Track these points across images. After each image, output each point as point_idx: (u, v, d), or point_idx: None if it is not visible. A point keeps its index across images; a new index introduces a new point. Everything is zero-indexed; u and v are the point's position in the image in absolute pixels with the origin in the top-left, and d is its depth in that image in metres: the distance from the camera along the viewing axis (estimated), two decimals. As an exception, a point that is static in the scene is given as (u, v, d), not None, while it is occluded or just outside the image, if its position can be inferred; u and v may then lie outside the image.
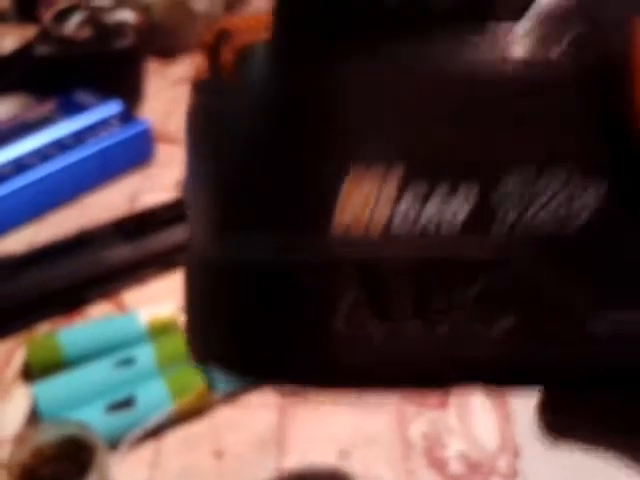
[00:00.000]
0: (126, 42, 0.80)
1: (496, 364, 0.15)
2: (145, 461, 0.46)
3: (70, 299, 0.57)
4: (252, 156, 0.15)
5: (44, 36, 0.80)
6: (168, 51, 0.93)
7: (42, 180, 0.67)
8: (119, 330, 0.52)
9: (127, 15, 0.83)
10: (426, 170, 0.14)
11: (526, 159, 0.14)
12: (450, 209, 0.14)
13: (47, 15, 0.81)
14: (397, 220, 0.14)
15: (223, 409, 0.49)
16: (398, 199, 0.14)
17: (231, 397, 0.49)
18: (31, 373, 0.51)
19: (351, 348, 0.15)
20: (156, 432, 0.47)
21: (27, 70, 0.79)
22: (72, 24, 0.81)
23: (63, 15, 0.81)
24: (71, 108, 0.73)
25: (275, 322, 0.15)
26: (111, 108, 0.74)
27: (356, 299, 0.14)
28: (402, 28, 0.15)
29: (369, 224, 0.14)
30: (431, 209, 0.14)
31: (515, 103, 0.14)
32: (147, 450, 0.46)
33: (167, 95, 0.87)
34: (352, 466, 0.46)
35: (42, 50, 0.79)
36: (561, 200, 0.14)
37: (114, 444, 0.45)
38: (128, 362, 0.49)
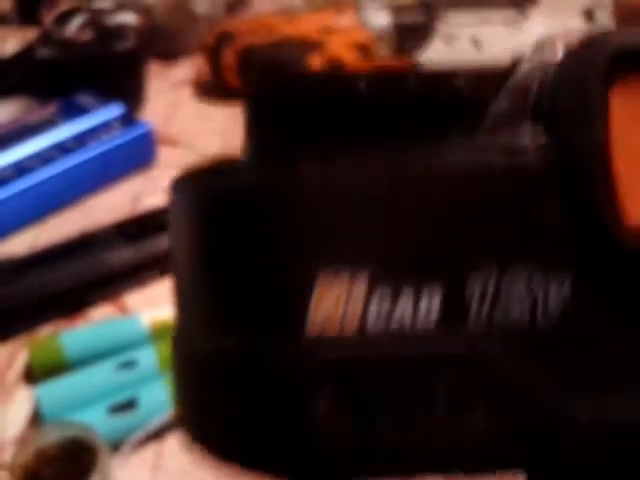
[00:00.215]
0: (127, 45, 0.80)
1: (472, 455, 0.15)
2: (147, 463, 0.46)
3: (72, 301, 0.57)
4: (225, 255, 0.16)
5: (45, 39, 0.80)
6: (169, 53, 0.93)
7: (44, 183, 0.68)
8: (121, 332, 0.52)
9: (128, 17, 0.84)
10: (389, 275, 0.14)
11: (488, 258, 0.14)
12: (420, 309, 0.14)
13: (48, 18, 0.81)
14: (370, 320, 0.14)
15: (225, 411, 0.49)
16: (367, 301, 0.14)
17: (233, 399, 0.49)
18: (33, 375, 0.51)
19: (327, 445, 0.15)
20: (158, 434, 0.47)
21: (28, 73, 0.79)
22: (73, 27, 0.81)
23: (64, 18, 0.81)
24: (72, 111, 0.73)
25: (253, 418, 0.16)
26: (112, 111, 0.74)
27: (332, 397, 0.15)
28: (366, 133, 0.15)
29: (342, 324, 0.14)
30: (401, 310, 0.14)
31: (477, 204, 0.14)
32: (149, 452, 0.47)
33: (168, 97, 0.87)
34: None
35: (43, 53, 0.79)
36: (528, 295, 0.14)
37: (116, 446, 0.46)
38: (130, 364, 0.49)
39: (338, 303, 0.14)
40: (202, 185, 0.16)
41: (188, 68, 0.92)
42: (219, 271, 0.16)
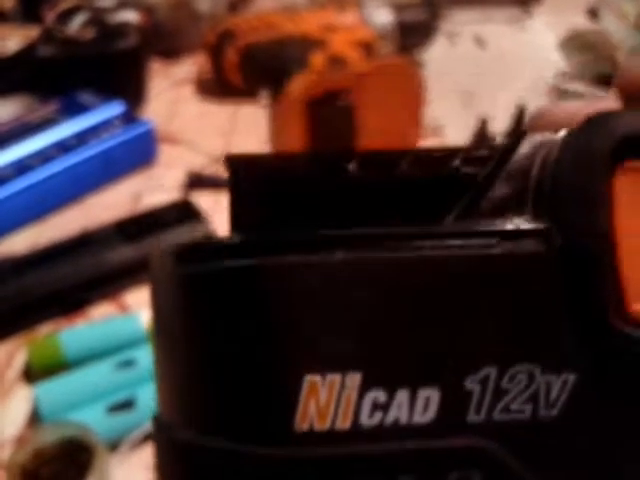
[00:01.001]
0: (129, 43, 0.80)
1: None
2: (145, 463, 0.46)
3: (72, 300, 0.57)
4: (208, 348, 0.15)
5: (47, 37, 0.80)
6: (171, 52, 0.93)
7: (45, 181, 0.67)
8: (120, 332, 0.52)
9: (130, 16, 0.84)
10: (382, 378, 0.14)
11: (488, 358, 0.14)
12: (416, 408, 0.14)
13: (50, 16, 0.81)
14: (362, 420, 0.14)
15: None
16: (359, 405, 0.14)
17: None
18: (32, 374, 0.51)
19: None
20: (156, 434, 0.47)
21: (30, 71, 0.79)
22: (75, 25, 0.81)
23: (66, 16, 0.81)
24: (74, 109, 0.73)
25: None
26: (114, 109, 0.74)
27: None
28: (357, 217, 0.15)
29: (334, 420, 0.14)
30: (395, 411, 0.14)
31: (474, 297, 0.14)
32: (147, 452, 0.46)
33: (170, 96, 0.87)
34: None
35: (45, 51, 0.79)
36: (530, 392, 0.14)
37: (114, 446, 0.45)
38: (129, 364, 0.49)
39: (328, 403, 0.14)
40: (184, 271, 0.15)
41: (190, 66, 0.92)
42: (201, 365, 0.15)
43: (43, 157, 0.68)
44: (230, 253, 0.14)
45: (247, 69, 0.81)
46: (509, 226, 0.14)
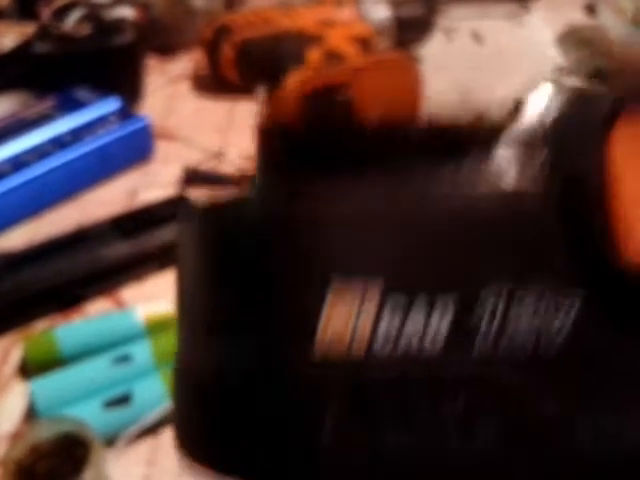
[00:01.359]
0: (125, 39, 0.80)
1: (479, 474, 0.15)
2: (142, 458, 0.46)
3: (68, 296, 0.57)
4: (237, 278, 0.16)
5: (43, 33, 0.80)
6: (167, 48, 0.93)
7: (41, 177, 0.67)
8: (116, 327, 0.52)
9: (126, 12, 0.83)
10: (404, 283, 0.15)
11: (501, 278, 0.15)
12: (430, 325, 0.15)
13: (46, 12, 0.80)
14: (379, 339, 0.15)
15: (220, 406, 0.49)
16: (378, 317, 0.15)
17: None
18: (28, 370, 0.51)
19: (337, 463, 0.15)
20: (153, 429, 0.47)
21: (26, 67, 0.79)
22: (71, 21, 0.80)
23: (62, 12, 0.81)
24: (70, 105, 0.73)
25: (258, 435, 0.16)
26: (110, 105, 0.73)
27: (340, 416, 0.15)
28: (383, 160, 0.16)
29: (351, 344, 0.15)
30: (411, 326, 0.15)
31: (492, 230, 0.15)
32: (144, 447, 0.46)
33: (166, 92, 0.86)
34: None
35: (41, 47, 0.79)
36: (537, 315, 0.15)
37: (111, 441, 0.45)
38: (125, 359, 0.49)
39: (349, 319, 0.15)
40: (218, 217, 0.16)
41: (186, 62, 0.92)
42: (231, 292, 0.16)
43: (39, 153, 0.68)
44: (265, 195, 0.16)
45: (243, 65, 0.81)
46: (521, 171, 0.16)
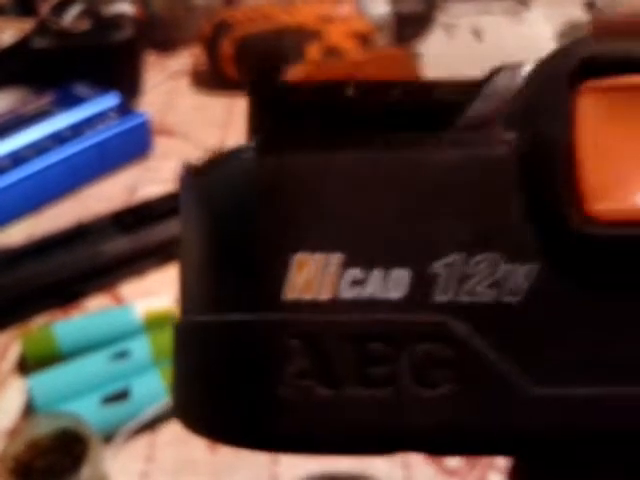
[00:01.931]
0: (124, 34, 0.80)
1: (438, 432, 0.16)
2: (140, 454, 0.46)
3: (67, 292, 0.57)
4: (219, 239, 0.17)
5: (42, 29, 0.79)
6: (167, 43, 0.93)
7: (40, 173, 0.67)
8: (115, 323, 0.52)
9: (125, 7, 0.83)
10: (361, 258, 0.16)
11: (454, 246, 0.16)
12: (389, 287, 0.16)
13: (45, 7, 0.80)
14: (342, 292, 0.16)
15: (219, 402, 0.49)
16: (340, 278, 0.16)
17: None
18: (26, 366, 0.51)
19: (296, 414, 0.16)
20: (151, 425, 0.47)
21: (25, 63, 0.79)
22: (70, 16, 0.80)
23: (61, 7, 0.80)
24: (69, 101, 0.73)
25: (225, 385, 0.17)
26: (109, 101, 0.73)
27: (301, 365, 0.16)
28: (352, 131, 0.17)
29: (316, 294, 0.16)
30: (371, 287, 0.16)
31: (446, 195, 0.16)
32: (142, 443, 0.46)
33: (165, 88, 0.86)
34: (347, 458, 0.45)
35: (40, 43, 0.79)
36: (494, 279, 0.16)
37: (109, 437, 0.45)
38: (123, 355, 0.49)
39: (314, 278, 0.16)
40: (204, 173, 0.18)
41: (185, 58, 0.92)
42: (214, 254, 0.17)
43: (38, 149, 0.68)
44: (246, 154, 0.17)
45: (243, 61, 0.81)
46: (480, 137, 0.16)
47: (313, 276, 0.16)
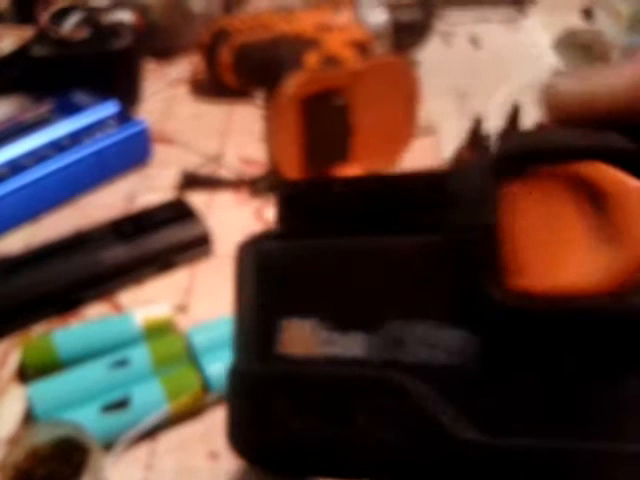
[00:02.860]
0: (123, 42, 0.80)
1: (383, 467, 0.19)
2: (140, 462, 0.46)
3: (66, 300, 0.57)
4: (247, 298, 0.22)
5: (41, 37, 0.80)
6: (166, 52, 0.93)
7: (39, 181, 0.67)
8: (114, 331, 0.52)
9: (124, 15, 0.83)
10: (329, 322, 0.20)
11: (397, 314, 0.19)
12: (349, 347, 0.20)
13: (44, 16, 0.80)
14: (316, 348, 0.20)
15: (218, 410, 0.49)
16: (315, 338, 0.20)
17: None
18: (26, 374, 0.51)
19: (280, 437, 0.21)
20: (151, 433, 0.47)
21: (24, 71, 0.79)
22: (69, 24, 0.80)
23: (60, 16, 0.81)
24: (68, 109, 0.73)
25: (248, 418, 0.22)
26: (108, 109, 0.73)
27: (284, 401, 0.20)
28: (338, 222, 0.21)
29: (297, 351, 0.21)
30: (334, 347, 0.20)
31: (394, 275, 0.19)
32: (142, 451, 0.46)
33: (164, 96, 0.87)
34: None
35: (39, 51, 0.79)
36: (431, 342, 0.19)
37: (109, 445, 0.45)
38: (123, 363, 0.49)
39: (297, 336, 0.21)
40: (245, 247, 0.23)
41: (184, 66, 0.92)
42: (243, 313, 0.22)
43: (37, 157, 0.68)
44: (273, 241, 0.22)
45: (241, 69, 0.81)
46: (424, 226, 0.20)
47: (295, 336, 0.21)
